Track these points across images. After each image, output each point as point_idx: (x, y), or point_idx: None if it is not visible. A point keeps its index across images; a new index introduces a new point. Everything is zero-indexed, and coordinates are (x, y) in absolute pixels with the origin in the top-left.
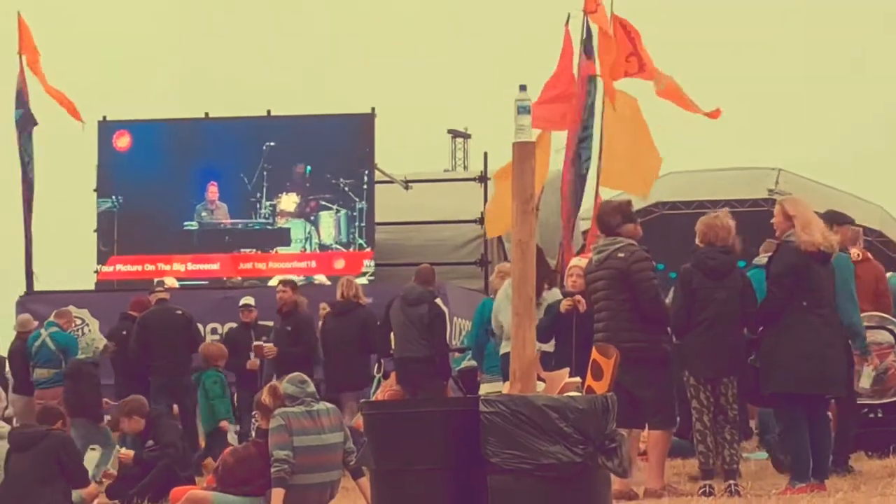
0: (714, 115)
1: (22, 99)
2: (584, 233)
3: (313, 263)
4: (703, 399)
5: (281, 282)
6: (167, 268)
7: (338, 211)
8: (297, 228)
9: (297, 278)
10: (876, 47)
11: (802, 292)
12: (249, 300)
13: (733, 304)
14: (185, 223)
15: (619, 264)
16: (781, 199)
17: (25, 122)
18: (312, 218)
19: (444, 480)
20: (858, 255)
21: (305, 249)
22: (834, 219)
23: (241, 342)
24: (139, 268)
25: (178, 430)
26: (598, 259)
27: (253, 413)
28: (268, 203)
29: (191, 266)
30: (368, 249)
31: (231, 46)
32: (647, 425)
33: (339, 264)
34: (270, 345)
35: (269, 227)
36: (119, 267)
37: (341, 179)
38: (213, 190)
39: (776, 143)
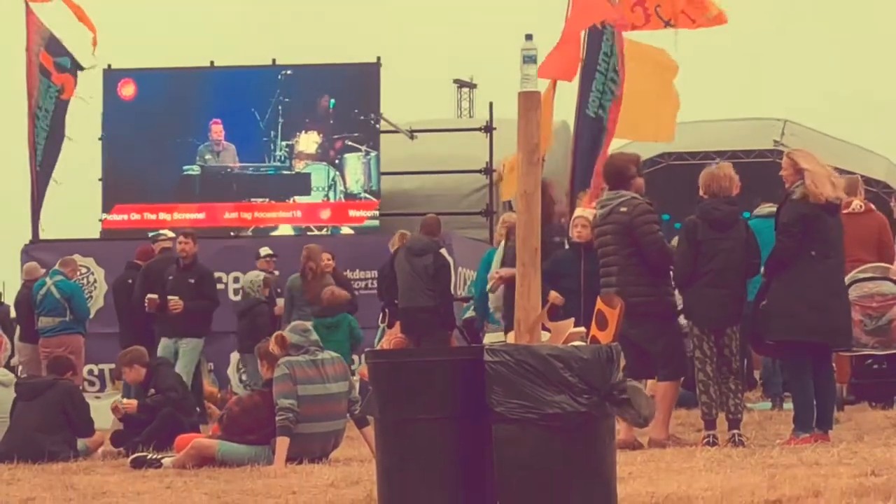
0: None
1: (60, 46)
2: None
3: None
4: (706, 349)
5: (182, 233)
6: (168, 217)
7: (367, 153)
8: (319, 174)
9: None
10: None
11: (812, 242)
12: (268, 250)
13: (738, 254)
14: (185, 167)
15: (623, 219)
16: (790, 151)
17: (74, 67)
18: (337, 161)
19: (449, 430)
20: (861, 206)
21: (329, 199)
22: None
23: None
24: (144, 216)
25: (178, 376)
26: (601, 214)
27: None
28: (283, 143)
29: (195, 215)
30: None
31: None
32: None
33: (325, 214)
34: (176, 298)
35: (286, 173)
36: (124, 216)
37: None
38: (217, 129)
39: (782, 94)
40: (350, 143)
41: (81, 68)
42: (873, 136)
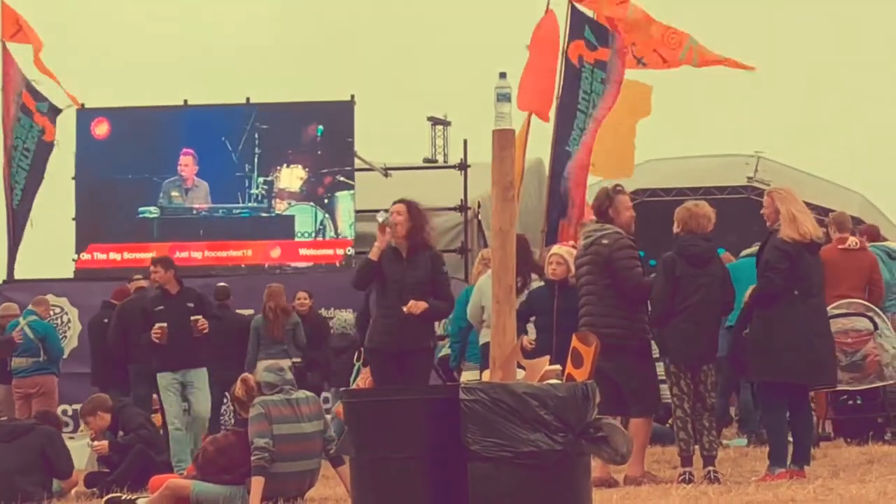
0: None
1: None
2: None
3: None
4: (683, 387)
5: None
6: (145, 256)
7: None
8: (305, 216)
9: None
10: (857, 32)
11: (794, 280)
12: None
13: (715, 291)
14: (141, 209)
15: (603, 251)
16: (771, 189)
17: (52, 113)
18: (326, 201)
19: (425, 468)
20: (856, 242)
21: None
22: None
23: None
24: (118, 256)
25: (144, 415)
26: (583, 245)
27: (225, 404)
28: (261, 180)
29: (178, 253)
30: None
31: (210, 34)
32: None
33: (275, 253)
34: (200, 318)
35: (264, 215)
36: (97, 255)
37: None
38: (186, 161)
39: (755, 130)
40: (342, 178)
41: (59, 111)
42: (847, 172)
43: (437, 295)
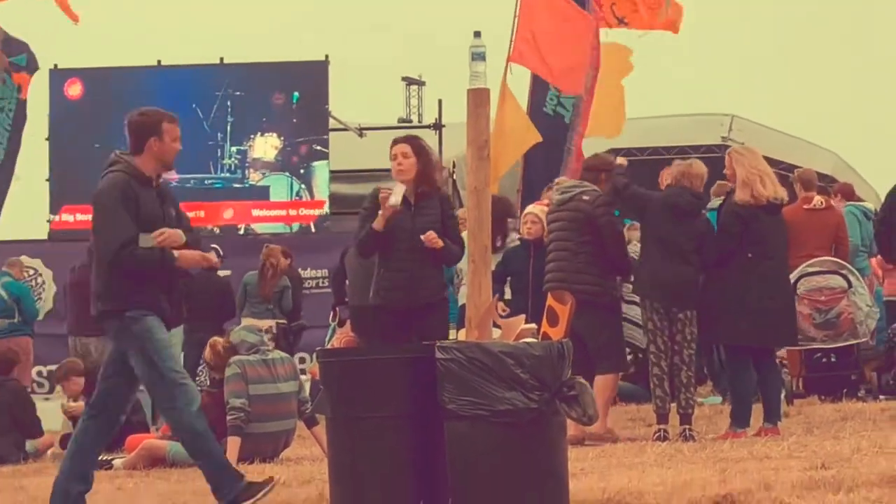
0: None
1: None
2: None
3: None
4: (660, 344)
5: None
6: None
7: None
8: (280, 185)
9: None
10: None
11: (749, 244)
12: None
13: (692, 244)
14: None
15: (584, 206)
16: (731, 149)
17: (31, 66)
18: (302, 171)
19: (401, 428)
20: (822, 202)
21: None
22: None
23: None
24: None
25: None
26: (560, 199)
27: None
28: (234, 150)
29: None
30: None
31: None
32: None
33: (228, 214)
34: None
35: (237, 186)
36: (72, 216)
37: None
38: None
39: (729, 89)
40: (318, 147)
41: (37, 67)
42: (820, 131)
43: (449, 239)
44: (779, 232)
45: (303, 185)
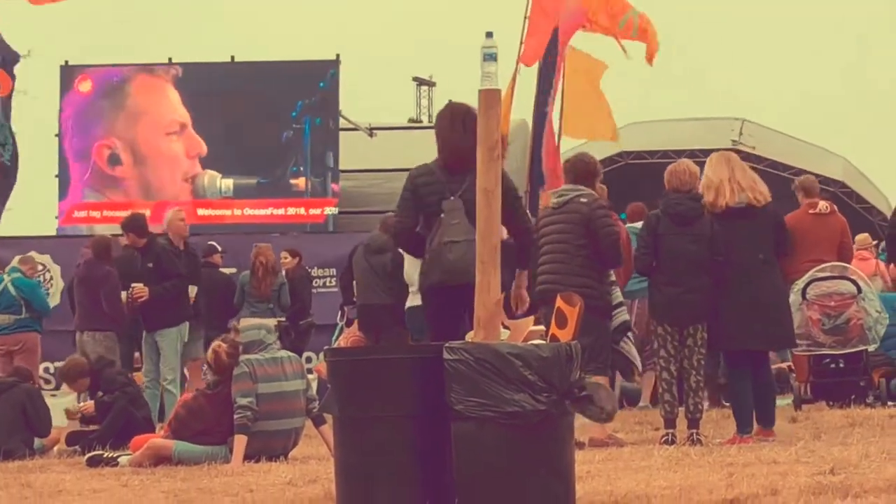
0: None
1: None
2: None
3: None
4: (669, 349)
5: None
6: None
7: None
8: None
9: None
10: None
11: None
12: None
13: (701, 250)
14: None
15: (583, 209)
16: (711, 156)
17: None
18: (312, 169)
19: (408, 428)
20: (826, 207)
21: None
22: None
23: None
24: (97, 214)
25: (125, 373)
26: (556, 202)
27: (203, 367)
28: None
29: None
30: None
31: None
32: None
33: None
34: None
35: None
36: (80, 213)
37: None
38: None
39: (740, 93)
40: (329, 146)
41: (18, 59)
42: (831, 136)
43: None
44: (749, 236)
45: (312, 184)
